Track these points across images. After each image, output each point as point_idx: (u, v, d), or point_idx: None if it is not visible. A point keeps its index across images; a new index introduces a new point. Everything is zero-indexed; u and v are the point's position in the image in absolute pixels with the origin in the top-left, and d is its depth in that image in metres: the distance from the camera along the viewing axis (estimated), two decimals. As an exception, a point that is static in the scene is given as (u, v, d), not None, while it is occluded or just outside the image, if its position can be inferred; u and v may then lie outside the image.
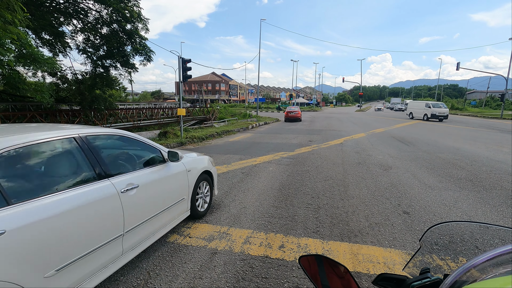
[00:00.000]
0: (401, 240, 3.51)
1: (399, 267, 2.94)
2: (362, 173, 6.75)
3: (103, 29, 13.79)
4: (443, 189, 5.53)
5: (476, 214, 4.35)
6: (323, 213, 4.39)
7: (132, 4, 13.07)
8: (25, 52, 8.15)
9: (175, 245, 3.39)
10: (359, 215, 4.30)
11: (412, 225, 3.94)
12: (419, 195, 5.20)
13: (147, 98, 54.12)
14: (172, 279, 2.74)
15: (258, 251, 3.26)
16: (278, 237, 3.62)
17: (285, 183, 5.96)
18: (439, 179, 6.29)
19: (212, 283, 2.68)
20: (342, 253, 3.23)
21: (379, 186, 5.76)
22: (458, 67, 32.38)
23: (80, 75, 14.93)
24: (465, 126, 21.40)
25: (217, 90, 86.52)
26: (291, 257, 3.14)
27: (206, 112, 28.15)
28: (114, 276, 2.77)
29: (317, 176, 6.50)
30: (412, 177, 6.39)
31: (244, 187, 5.73)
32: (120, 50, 14.09)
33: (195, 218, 4.09)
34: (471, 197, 5.10)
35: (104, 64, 14.74)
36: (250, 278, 2.77)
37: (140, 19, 13.49)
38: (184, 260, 3.07)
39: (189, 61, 12.73)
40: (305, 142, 12.22)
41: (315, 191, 5.46)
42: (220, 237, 3.60)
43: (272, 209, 4.53)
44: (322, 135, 14.89)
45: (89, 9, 13.22)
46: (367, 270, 2.90)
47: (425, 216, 4.24)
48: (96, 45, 14.36)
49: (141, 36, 13.99)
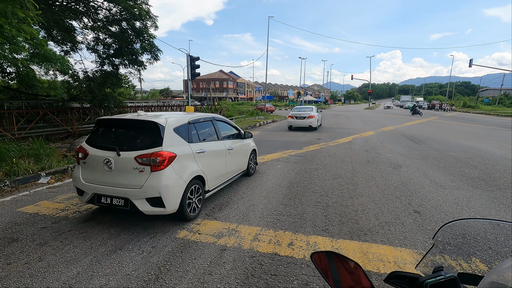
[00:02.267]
0: (412, 240, 3.46)
1: (410, 267, 2.90)
2: (371, 172, 6.68)
3: (113, 27, 13.94)
4: (455, 188, 5.43)
5: (489, 214, 4.26)
6: (332, 211, 4.36)
7: (141, 2, 13.17)
8: (37, 51, 8.32)
9: (185, 241, 3.42)
10: (369, 213, 4.26)
11: (423, 224, 3.88)
12: (430, 194, 5.12)
13: (155, 96, 54.56)
14: (182, 274, 2.78)
15: (267, 248, 3.27)
16: (287, 234, 3.62)
17: (293, 181, 5.95)
18: (451, 178, 6.17)
19: (222, 279, 2.70)
20: (352, 251, 3.21)
21: (389, 184, 5.69)
22: (470, 64, 31.61)
23: (90, 73, 15.15)
24: (477, 124, 20.93)
25: (225, 88, 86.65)
26: (300, 254, 3.14)
27: (214, 109, 28.24)
28: (126, 270, 2.82)
29: (325, 174, 6.46)
30: (423, 176, 6.29)
31: (252, 184, 5.74)
32: (129, 48, 14.23)
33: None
34: (485, 196, 5.00)
35: (113, 62, 14.91)
36: (259, 275, 2.78)
37: (149, 16, 13.57)
38: (194, 256, 3.10)
39: (197, 59, 12.78)
40: (313, 140, 12.15)
41: (324, 189, 5.43)
42: (229, 234, 3.62)
43: (280, 207, 4.53)
44: (330, 133, 14.78)
45: (99, 7, 13.37)
46: (377, 269, 2.88)
47: (437, 215, 4.18)
48: (106, 43, 14.53)
49: (150, 35, 14.09)
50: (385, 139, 12.38)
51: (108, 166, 3.64)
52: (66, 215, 4.22)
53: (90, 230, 3.71)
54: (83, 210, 4.40)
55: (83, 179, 3.85)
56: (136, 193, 3.53)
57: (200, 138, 4.46)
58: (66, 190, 5.46)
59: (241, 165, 5.82)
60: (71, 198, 4.97)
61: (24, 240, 3.47)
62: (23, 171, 6.11)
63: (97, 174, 3.77)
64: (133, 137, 3.89)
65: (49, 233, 3.65)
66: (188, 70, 12.88)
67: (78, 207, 4.56)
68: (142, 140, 3.77)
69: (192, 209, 4.02)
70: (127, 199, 3.58)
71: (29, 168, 6.29)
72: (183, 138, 4.03)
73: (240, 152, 5.71)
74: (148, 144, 3.65)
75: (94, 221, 4.00)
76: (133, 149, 3.62)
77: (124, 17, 13.34)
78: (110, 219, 4.07)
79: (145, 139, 3.76)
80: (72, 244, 3.37)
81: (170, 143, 3.75)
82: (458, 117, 27.26)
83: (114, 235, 3.57)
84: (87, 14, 13.59)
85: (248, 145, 6.22)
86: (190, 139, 4.17)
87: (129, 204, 3.57)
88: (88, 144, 3.93)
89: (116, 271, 2.82)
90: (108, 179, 3.68)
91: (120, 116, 4.13)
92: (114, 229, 3.75)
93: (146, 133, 3.84)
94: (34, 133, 12.23)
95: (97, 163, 3.73)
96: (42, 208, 4.51)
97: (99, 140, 3.94)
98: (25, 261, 3.02)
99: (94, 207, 4.50)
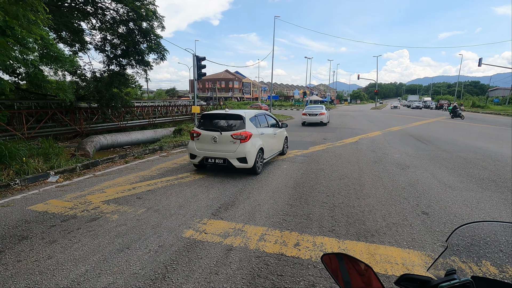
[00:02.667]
0: (420, 241, 3.42)
1: (419, 269, 2.86)
2: (378, 172, 6.62)
3: (120, 28, 14.08)
4: (464, 190, 5.35)
5: (499, 216, 4.18)
6: (339, 212, 4.33)
7: (148, 3, 13.27)
8: (47, 52, 8.44)
9: (191, 241, 3.44)
10: (376, 214, 4.22)
11: (432, 225, 3.83)
12: (439, 195, 5.05)
13: (162, 96, 54.96)
14: (188, 273, 2.79)
15: (273, 249, 3.26)
16: (293, 235, 3.60)
17: (299, 181, 5.93)
18: (459, 179, 6.08)
19: (228, 279, 2.70)
20: (359, 252, 3.18)
21: (397, 185, 5.63)
22: (480, 63, 31.10)
23: (98, 73, 15.32)
24: (487, 124, 20.56)
25: (231, 87, 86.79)
26: (307, 255, 3.12)
27: (219, 109, 28.34)
28: (133, 269, 2.85)
29: (332, 175, 6.42)
30: (431, 177, 6.21)
31: (258, 184, 5.74)
32: (136, 49, 14.36)
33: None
34: (495, 198, 4.90)
35: (121, 63, 15.07)
36: (266, 275, 2.78)
37: (156, 17, 13.68)
38: (200, 256, 3.11)
39: (203, 59, 12.82)
40: (319, 140, 12.09)
41: (330, 189, 5.40)
42: (235, 234, 3.62)
43: (286, 207, 4.52)
44: (336, 133, 14.68)
45: (107, 8, 13.52)
46: (385, 270, 2.85)
47: (445, 217, 4.11)
48: (113, 44, 14.69)
49: (156, 35, 14.19)
50: (392, 139, 12.25)
51: (214, 140, 6.24)
52: (74, 214, 4.27)
53: (98, 229, 3.76)
54: (91, 209, 4.46)
55: (197, 149, 6.42)
56: (231, 155, 6.10)
57: (261, 125, 7.02)
58: (75, 189, 5.54)
59: (279, 146, 8.17)
60: (80, 197, 5.04)
61: (33, 238, 3.53)
62: (32, 170, 6.21)
63: (206, 145, 6.35)
64: (228, 123, 6.47)
65: (58, 231, 3.70)
66: (194, 70, 12.93)
67: (86, 206, 4.61)
68: (234, 125, 6.37)
69: (258, 167, 6.44)
70: (225, 159, 6.13)
71: (38, 167, 6.39)
72: (254, 125, 6.62)
73: (279, 137, 8.10)
74: (237, 127, 6.29)
75: (102, 220, 4.04)
76: (229, 130, 6.27)
77: (131, 17, 13.46)
78: (117, 218, 4.11)
79: (235, 124, 6.37)
80: (81, 242, 3.41)
81: (249, 127, 6.38)
82: (467, 117, 26.81)
83: (122, 234, 3.60)
84: (95, 15, 13.75)
85: (283, 133, 8.50)
86: (257, 125, 6.75)
87: (227, 162, 6.12)
88: (199, 128, 6.55)
89: (124, 270, 2.84)
90: (213, 148, 6.27)
91: (217, 112, 7.05)
92: (122, 228, 3.79)
93: (235, 121, 6.41)
94: (43, 132, 12.43)
95: (207, 139, 6.32)
96: (51, 207, 4.58)
97: (206, 126, 6.51)
98: (34, 258, 3.07)
99: (101, 206, 4.55)
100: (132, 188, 5.56)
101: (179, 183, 5.89)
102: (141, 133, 15.52)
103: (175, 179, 6.18)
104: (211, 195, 5.09)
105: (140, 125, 18.56)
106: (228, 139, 6.12)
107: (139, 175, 6.51)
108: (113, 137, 13.54)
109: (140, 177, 6.33)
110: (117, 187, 5.64)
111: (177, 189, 5.49)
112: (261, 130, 6.79)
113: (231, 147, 6.09)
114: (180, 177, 6.34)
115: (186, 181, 6.03)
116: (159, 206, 4.59)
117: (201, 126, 6.57)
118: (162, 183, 5.88)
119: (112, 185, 5.78)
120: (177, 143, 10.74)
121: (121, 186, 5.71)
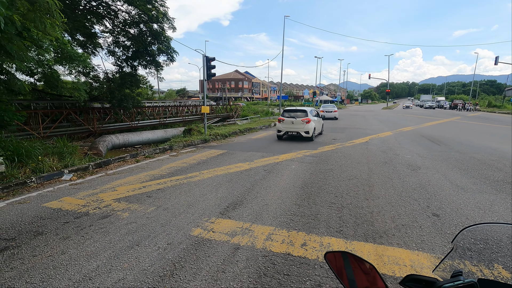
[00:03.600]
0: (429, 243, 3.36)
1: (428, 271, 2.82)
2: (388, 173, 6.53)
3: (131, 29, 14.36)
4: (477, 192, 5.22)
5: (514, 219, 4.07)
6: (347, 212, 4.31)
7: (159, 5, 13.48)
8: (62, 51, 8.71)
9: (199, 239, 3.49)
10: (385, 215, 4.18)
11: (442, 228, 3.76)
12: (451, 197, 4.95)
13: (172, 96, 55.67)
14: (196, 271, 2.83)
15: (280, 248, 3.28)
16: (301, 235, 3.61)
17: (307, 182, 5.91)
18: (473, 180, 5.93)
19: (235, 278, 2.73)
20: (367, 253, 3.16)
21: (407, 186, 5.55)
22: (496, 62, 30.20)
23: (110, 74, 15.66)
24: (503, 124, 19.95)
25: (240, 88, 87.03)
26: (314, 255, 3.12)
27: (229, 109, 28.45)
28: (142, 265, 2.92)
29: (340, 175, 6.38)
30: (443, 178, 6.08)
31: (266, 184, 5.76)
32: (147, 50, 14.61)
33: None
34: (509, 200, 4.77)
35: (132, 64, 15.36)
36: (272, 274, 2.79)
37: (167, 18, 13.88)
38: (208, 254, 3.15)
39: (213, 59, 12.91)
40: (328, 140, 12.02)
41: (339, 190, 5.37)
42: (243, 233, 3.65)
43: (294, 207, 4.52)
44: (346, 133, 14.55)
45: (119, 10, 13.80)
46: (393, 272, 2.82)
47: (457, 219, 4.03)
48: (124, 45, 14.99)
49: (166, 37, 14.41)
50: (404, 139, 12.05)
51: (292, 122, 11.63)
52: (87, 211, 4.40)
53: (109, 226, 3.86)
54: (103, 207, 4.57)
55: (282, 127, 11.85)
56: (301, 130, 11.49)
57: (313, 116, 12.20)
58: (87, 187, 5.69)
59: (320, 128, 13.40)
60: (92, 195, 5.17)
61: (48, 234, 3.65)
62: (47, 168, 6.42)
63: (287, 125, 11.74)
64: (299, 113, 11.84)
65: (71, 228, 3.82)
66: (204, 70, 13.04)
67: (98, 203, 4.74)
68: (302, 114, 11.71)
69: (313, 137, 11.87)
70: (298, 131, 11.56)
71: (53, 166, 6.60)
72: (312, 115, 12.01)
73: (320, 123, 13.48)
74: (303, 115, 11.64)
75: (113, 217, 4.14)
76: (300, 117, 11.59)
77: (143, 19, 13.70)
78: (128, 215, 4.21)
79: (303, 114, 11.73)
80: (93, 238, 3.51)
81: (310, 116, 11.70)
82: (482, 117, 26.10)
83: (132, 231, 3.69)
84: (107, 17, 14.05)
85: (321, 121, 13.88)
86: (312, 115, 12.02)
87: (298, 133, 11.57)
88: (283, 116, 11.90)
89: (133, 266, 2.91)
90: (291, 127, 11.66)
91: (293, 107, 13.30)
92: (132, 225, 3.87)
93: (302, 112, 11.81)
94: (58, 132, 12.81)
95: (288, 122, 11.71)
96: (65, 204, 4.72)
97: (287, 115, 11.89)
98: (49, 253, 3.18)
99: (113, 204, 4.67)
100: (142, 186, 5.67)
101: (188, 182, 5.97)
102: (151, 133, 15.77)
103: (184, 178, 6.26)
104: (219, 195, 5.14)
105: (151, 125, 18.86)
106: (300, 121, 11.44)
107: (150, 174, 6.63)
108: (124, 137, 13.81)
109: (150, 176, 6.45)
110: (128, 185, 5.76)
111: (186, 188, 5.56)
112: (314, 118, 11.99)
113: (301, 126, 11.42)
114: (189, 176, 6.42)
115: (195, 180, 6.11)
116: (168, 204, 4.66)
117: (284, 114, 11.93)
118: (172, 182, 5.98)
119: (123, 183, 5.91)
120: (186, 143, 10.86)
121: (132, 184, 5.83)
